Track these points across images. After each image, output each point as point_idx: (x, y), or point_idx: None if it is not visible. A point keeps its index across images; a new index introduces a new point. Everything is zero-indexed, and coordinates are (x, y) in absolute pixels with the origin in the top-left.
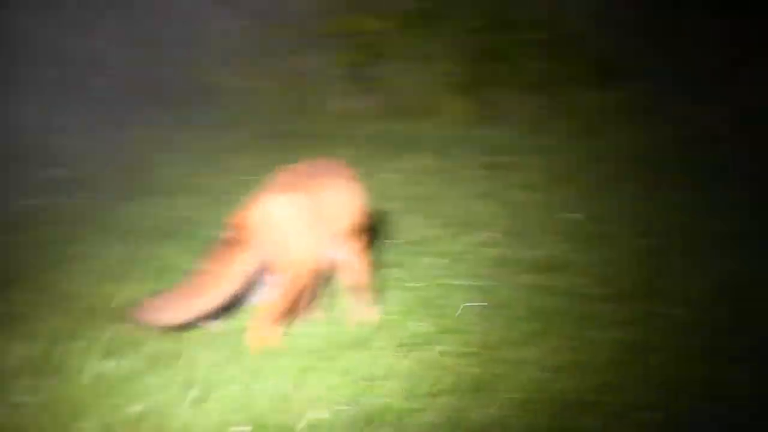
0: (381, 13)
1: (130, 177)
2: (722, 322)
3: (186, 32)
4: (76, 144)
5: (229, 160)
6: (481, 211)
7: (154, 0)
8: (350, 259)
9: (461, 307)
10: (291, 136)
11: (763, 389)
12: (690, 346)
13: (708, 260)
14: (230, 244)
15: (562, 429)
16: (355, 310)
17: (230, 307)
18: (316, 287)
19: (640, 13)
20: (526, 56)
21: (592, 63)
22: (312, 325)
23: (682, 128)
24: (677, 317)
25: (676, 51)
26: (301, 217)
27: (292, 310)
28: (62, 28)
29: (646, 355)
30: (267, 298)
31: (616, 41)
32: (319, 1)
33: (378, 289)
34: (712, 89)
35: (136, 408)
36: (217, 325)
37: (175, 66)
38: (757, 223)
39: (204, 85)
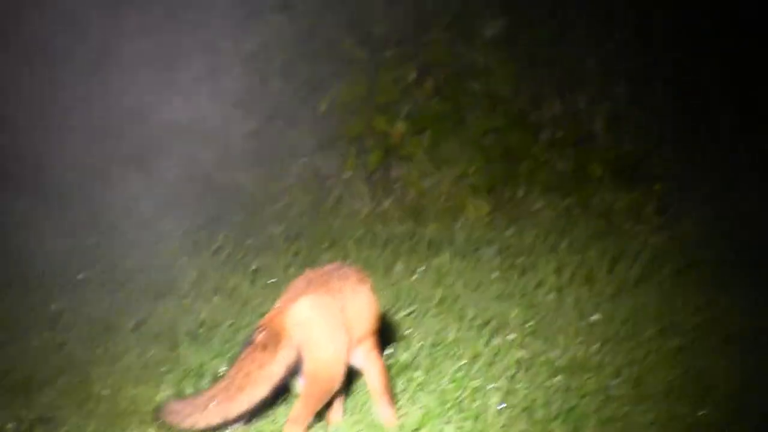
0: (401, 115)
1: (156, 278)
2: (749, 423)
3: (205, 135)
4: (102, 246)
5: (252, 263)
6: (503, 312)
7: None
8: (368, 363)
9: (494, 409)
10: (312, 237)
11: None
12: None
13: (734, 359)
14: (260, 347)
15: None
16: (378, 413)
17: (259, 410)
18: (341, 391)
19: (660, 114)
20: (545, 156)
21: (611, 163)
22: (341, 429)
23: (704, 227)
24: (702, 419)
25: (696, 151)
26: (330, 319)
27: (320, 413)
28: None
29: None
30: (297, 401)
31: (636, 141)
32: (339, 104)
33: (402, 391)
34: (730, 185)
35: None
36: (243, 429)
37: (195, 168)
38: None
39: (224, 187)
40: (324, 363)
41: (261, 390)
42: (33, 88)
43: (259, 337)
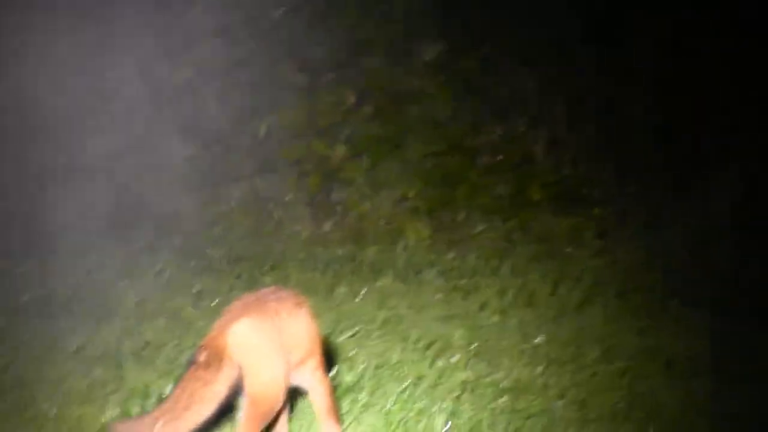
0: (340, 139)
1: (98, 301)
2: None
3: (143, 159)
4: (42, 269)
5: (194, 285)
6: (447, 334)
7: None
8: (314, 383)
9: (440, 430)
10: (254, 260)
11: None
12: None
13: (676, 383)
14: (203, 367)
15: None
16: None
17: (204, 430)
18: (283, 411)
19: (594, 138)
20: (484, 180)
21: (551, 187)
22: None
23: (642, 252)
24: None
25: (633, 173)
26: (267, 342)
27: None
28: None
29: None
30: (240, 423)
31: (575, 165)
32: (279, 128)
33: (346, 413)
34: (668, 210)
35: None
36: None
37: (134, 192)
38: (719, 344)
39: (164, 211)
40: (263, 385)
41: (206, 408)
42: None
43: (202, 357)
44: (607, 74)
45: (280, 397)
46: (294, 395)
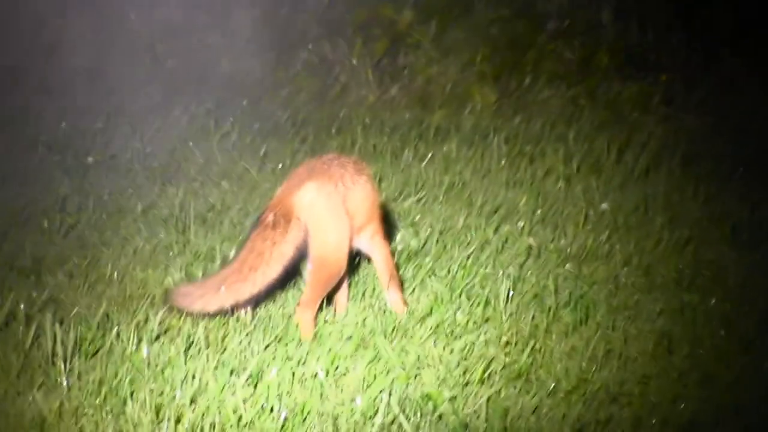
0: (408, 3)
1: (164, 163)
2: (757, 313)
3: (210, 21)
4: (108, 129)
5: (260, 148)
6: (512, 200)
7: None
8: (373, 249)
9: (504, 295)
10: (319, 124)
11: None
12: (725, 338)
13: (741, 250)
14: (270, 227)
15: (595, 419)
16: (388, 299)
17: (269, 293)
18: (346, 276)
19: (663, 4)
20: (551, 45)
21: (618, 53)
22: (353, 313)
23: (709, 119)
24: (712, 309)
25: (701, 40)
26: (333, 205)
27: (329, 297)
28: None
29: (681, 348)
30: (306, 286)
31: (643, 32)
32: None
33: (411, 277)
34: (739, 80)
35: (186, 391)
36: (250, 312)
37: (202, 54)
38: None
39: (231, 73)
40: (329, 247)
41: (273, 269)
42: None
43: (269, 218)
44: None
45: (344, 259)
46: (357, 262)
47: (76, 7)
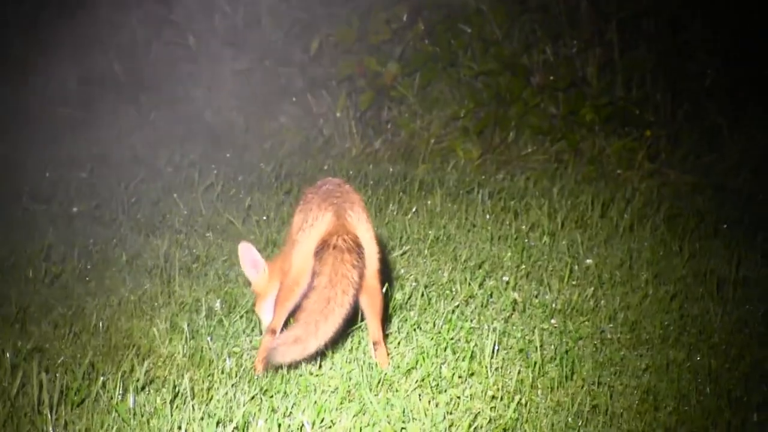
0: (391, 56)
1: (148, 213)
2: (743, 370)
3: (194, 72)
4: (97, 181)
5: (242, 200)
6: (497, 254)
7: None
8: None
9: (489, 350)
10: (303, 176)
11: None
12: (711, 395)
13: (727, 306)
14: (347, 251)
15: None
16: (374, 351)
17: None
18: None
19: (652, 60)
20: (535, 100)
21: (602, 108)
22: (339, 365)
23: (695, 175)
24: (698, 365)
25: (686, 96)
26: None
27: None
28: None
29: (667, 404)
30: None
31: (627, 88)
32: (331, 44)
33: (397, 331)
34: (724, 136)
35: None
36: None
37: (185, 106)
38: None
39: (215, 125)
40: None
41: (350, 294)
42: None
43: (339, 242)
44: None
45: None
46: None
47: (60, 57)
